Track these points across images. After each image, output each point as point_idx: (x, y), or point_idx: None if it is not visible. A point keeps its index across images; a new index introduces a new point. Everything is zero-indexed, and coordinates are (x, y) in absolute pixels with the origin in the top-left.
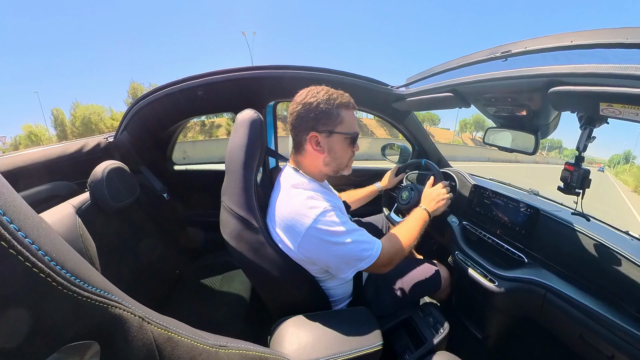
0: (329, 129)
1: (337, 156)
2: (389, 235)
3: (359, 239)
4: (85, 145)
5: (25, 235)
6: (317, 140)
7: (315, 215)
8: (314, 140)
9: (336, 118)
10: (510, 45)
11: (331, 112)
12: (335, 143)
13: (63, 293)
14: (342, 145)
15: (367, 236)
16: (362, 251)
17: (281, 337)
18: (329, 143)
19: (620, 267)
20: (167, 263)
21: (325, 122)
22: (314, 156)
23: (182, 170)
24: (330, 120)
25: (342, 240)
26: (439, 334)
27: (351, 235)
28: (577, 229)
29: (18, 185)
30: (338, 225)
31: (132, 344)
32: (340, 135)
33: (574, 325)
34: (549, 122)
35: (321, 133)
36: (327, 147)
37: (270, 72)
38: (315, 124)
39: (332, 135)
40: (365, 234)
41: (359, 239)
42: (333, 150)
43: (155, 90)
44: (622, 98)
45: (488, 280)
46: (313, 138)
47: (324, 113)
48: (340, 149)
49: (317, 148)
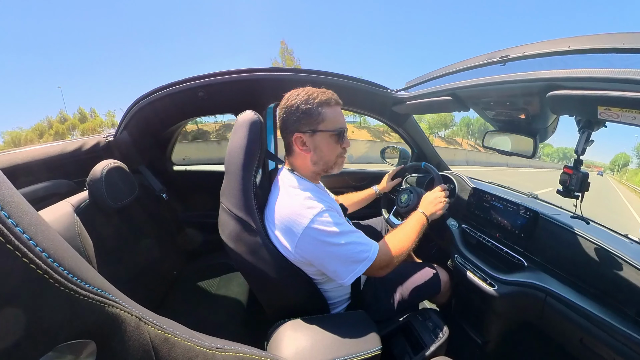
0: (312, 129)
1: (323, 154)
2: (387, 238)
3: (356, 241)
4: (85, 144)
5: (23, 231)
6: (302, 140)
7: (313, 215)
8: (299, 141)
9: (317, 117)
10: (509, 50)
11: (311, 111)
12: (319, 141)
13: (60, 291)
14: (327, 142)
15: (363, 238)
16: (359, 253)
17: (278, 341)
18: (313, 142)
19: (621, 270)
20: (165, 263)
21: (307, 122)
22: (302, 156)
23: (182, 170)
24: (312, 120)
25: (338, 241)
26: (439, 338)
27: (347, 236)
28: (576, 233)
29: (17, 182)
30: (334, 225)
31: (129, 344)
32: (323, 133)
33: (575, 330)
34: (548, 126)
35: (305, 133)
36: (313, 146)
37: (271, 74)
38: (298, 125)
39: (316, 134)
40: (362, 236)
41: (355, 240)
42: (318, 148)
43: (156, 90)
44: (620, 102)
45: (487, 284)
46: (298, 139)
47: (305, 113)
48: (326, 146)
49: (303, 148)
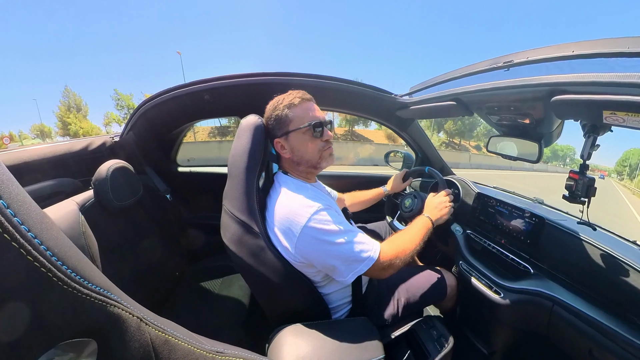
0: (284, 131)
1: (301, 152)
2: (390, 239)
3: (355, 240)
4: (91, 144)
5: (28, 229)
6: (280, 145)
7: (310, 214)
8: (278, 146)
9: (285, 119)
10: (512, 56)
11: (280, 116)
12: (293, 141)
13: (63, 289)
14: (301, 140)
15: (364, 237)
16: (360, 252)
17: (279, 346)
18: (289, 144)
19: (629, 278)
20: (168, 264)
21: (280, 127)
22: (286, 159)
23: (186, 172)
24: (283, 124)
25: (337, 239)
26: (443, 348)
27: (346, 235)
28: (583, 239)
29: (23, 180)
30: (332, 224)
31: (130, 344)
32: (295, 132)
33: (583, 340)
34: (553, 130)
35: (280, 137)
36: (290, 148)
37: (276, 78)
38: (274, 132)
39: (289, 135)
40: (363, 235)
41: (355, 239)
42: (295, 148)
43: (163, 92)
44: (626, 106)
45: (493, 292)
46: (277, 144)
47: (275, 120)
48: (301, 144)
49: (283, 152)
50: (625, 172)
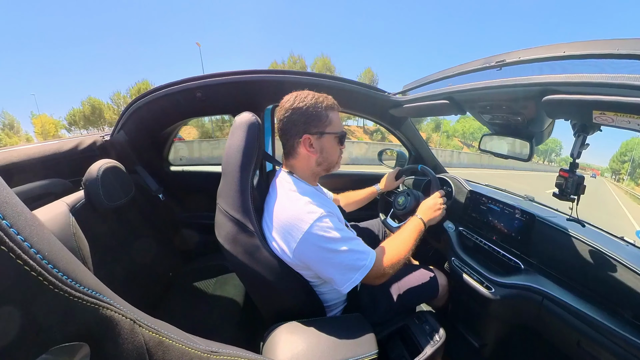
0: (320, 131)
1: (328, 155)
2: (384, 247)
3: (354, 248)
4: (81, 143)
5: (17, 231)
6: (310, 142)
7: (313, 220)
8: (307, 142)
9: (325, 119)
10: (505, 55)
11: (320, 114)
12: (326, 143)
13: (54, 293)
14: (332, 144)
15: (362, 246)
16: (356, 260)
17: (274, 344)
18: (320, 144)
19: (616, 273)
20: (161, 265)
21: (316, 125)
22: (307, 158)
23: (179, 171)
24: (320, 122)
25: (338, 247)
26: (435, 342)
27: (347, 243)
28: (572, 235)
29: (11, 181)
30: (334, 231)
31: (123, 347)
32: (330, 135)
33: (572, 333)
34: (543, 130)
35: (313, 135)
36: (319, 148)
37: (269, 76)
38: (307, 127)
39: (323, 136)
40: (361, 243)
41: (354, 248)
42: (325, 149)
43: (154, 90)
44: (615, 106)
45: (484, 287)
46: (306, 140)
47: (314, 116)
48: (331, 148)
49: (310, 150)
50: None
